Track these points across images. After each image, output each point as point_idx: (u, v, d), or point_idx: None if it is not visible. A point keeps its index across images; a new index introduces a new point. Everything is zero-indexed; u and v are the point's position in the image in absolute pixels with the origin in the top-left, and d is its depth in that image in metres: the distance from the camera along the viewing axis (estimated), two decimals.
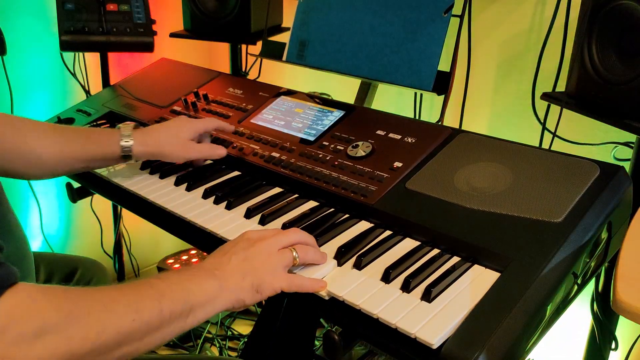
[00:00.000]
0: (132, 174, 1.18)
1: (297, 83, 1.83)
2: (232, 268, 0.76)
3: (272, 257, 0.79)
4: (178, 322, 0.70)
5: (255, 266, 0.77)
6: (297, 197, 1.04)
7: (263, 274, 0.77)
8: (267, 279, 0.77)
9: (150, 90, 1.52)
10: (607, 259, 0.92)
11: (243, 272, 0.76)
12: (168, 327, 0.69)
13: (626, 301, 0.63)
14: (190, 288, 0.72)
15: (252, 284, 0.76)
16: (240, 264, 0.77)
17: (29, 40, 1.86)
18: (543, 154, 0.96)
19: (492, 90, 1.63)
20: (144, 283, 0.70)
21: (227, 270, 0.76)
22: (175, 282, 0.72)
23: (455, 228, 0.86)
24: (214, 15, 1.67)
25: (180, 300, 0.70)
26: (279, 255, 0.80)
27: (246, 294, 0.76)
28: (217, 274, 0.75)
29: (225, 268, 0.76)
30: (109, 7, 1.62)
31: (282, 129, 1.21)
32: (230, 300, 0.75)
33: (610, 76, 1.08)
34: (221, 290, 0.74)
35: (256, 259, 0.78)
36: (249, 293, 0.76)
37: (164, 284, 0.70)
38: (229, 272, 0.76)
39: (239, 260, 0.77)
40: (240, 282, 0.76)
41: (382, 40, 1.26)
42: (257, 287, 0.76)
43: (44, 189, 1.98)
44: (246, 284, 0.76)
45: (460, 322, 0.71)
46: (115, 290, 0.68)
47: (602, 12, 1.09)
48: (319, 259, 0.84)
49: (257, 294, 0.77)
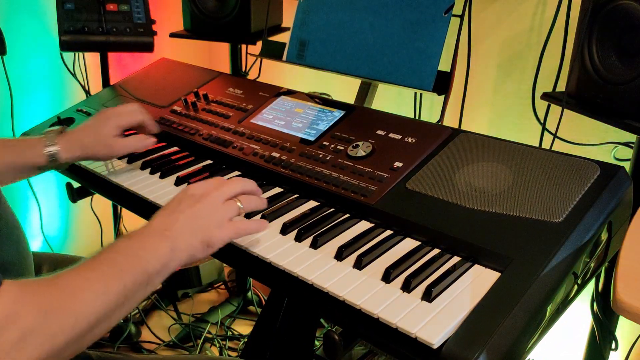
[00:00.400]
0: (132, 174, 1.18)
1: (297, 83, 1.83)
2: (181, 227, 0.78)
3: (218, 210, 0.82)
4: (140, 292, 0.73)
5: (203, 222, 0.80)
6: (297, 197, 1.04)
7: (211, 229, 0.80)
8: (215, 233, 0.80)
9: (150, 90, 1.52)
10: (607, 259, 0.92)
11: (192, 229, 0.78)
12: (132, 299, 0.72)
13: (626, 301, 0.63)
14: (146, 257, 0.74)
15: (202, 240, 0.79)
16: (188, 222, 0.79)
17: (29, 40, 1.86)
18: (543, 154, 0.96)
19: (492, 90, 1.63)
20: (104, 261, 0.71)
21: (176, 230, 0.78)
22: (131, 253, 0.73)
23: (455, 228, 0.86)
24: (214, 15, 1.67)
25: (139, 272, 0.72)
26: (225, 208, 0.83)
27: (197, 250, 0.79)
28: (167, 234, 0.77)
29: (174, 228, 0.78)
30: (109, 7, 1.62)
31: (282, 129, 1.21)
32: (182, 259, 0.78)
33: (610, 76, 1.08)
34: (174, 252, 0.76)
35: (203, 215, 0.80)
36: (200, 249, 0.79)
37: (122, 258, 0.72)
38: (178, 231, 0.77)
39: (186, 218, 0.79)
40: (191, 239, 0.78)
41: (382, 40, 1.27)
42: (207, 242, 0.80)
43: (44, 189, 1.98)
44: (196, 241, 0.79)
45: (460, 322, 0.71)
46: (81, 278, 0.68)
47: (602, 12, 1.09)
48: (260, 205, 0.89)
49: (208, 248, 0.80)
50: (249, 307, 2.21)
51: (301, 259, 0.86)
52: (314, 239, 0.90)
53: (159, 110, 1.41)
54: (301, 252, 0.88)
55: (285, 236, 0.93)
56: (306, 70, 1.42)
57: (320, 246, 0.89)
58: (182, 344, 1.99)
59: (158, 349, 1.98)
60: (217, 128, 1.27)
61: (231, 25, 1.66)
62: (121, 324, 2.00)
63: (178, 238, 0.77)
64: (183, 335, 2.02)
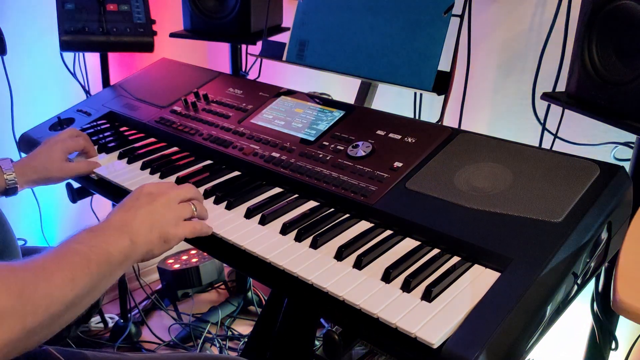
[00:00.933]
0: (132, 174, 1.18)
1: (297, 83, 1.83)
2: (140, 223, 0.82)
3: (173, 209, 0.87)
4: (104, 281, 0.76)
5: (160, 219, 0.84)
6: (297, 197, 1.04)
7: (167, 226, 0.85)
8: (172, 230, 0.85)
9: (150, 90, 1.52)
10: (607, 259, 0.92)
11: (150, 225, 0.83)
12: (97, 288, 0.75)
13: (626, 301, 0.63)
14: (110, 251, 0.77)
15: (159, 236, 0.83)
16: (146, 218, 0.83)
17: (29, 40, 1.86)
18: (543, 154, 0.96)
19: (492, 90, 1.63)
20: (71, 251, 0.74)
21: (135, 225, 0.81)
22: (95, 245, 0.76)
23: (455, 228, 0.86)
24: (214, 15, 1.67)
25: (103, 263, 0.75)
26: (180, 208, 0.88)
27: (155, 246, 0.83)
28: (126, 229, 0.81)
29: (133, 223, 0.82)
30: (109, 7, 1.62)
31: (282, 129, 1.21)
32: (141, 254, 0.82)
33: (610, 76, 1.08)
34: (134, 246, 0.80)
35: (159, 213, 0.85)
36: (157, 244, 0.84)
37: (87, 249, 0.75)
38: (137, 227, 0.81)
39: (144, 214, 0.83)
40: (149, 235, 0.82)
41: (382, 40, 1.27)
42: (164, 238, 0.84)
43: (44, 189, 1.98)
44: (154, 237, 0.83)
45: (460, 322, 0.71)
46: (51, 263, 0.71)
47: (602, 12, 1.09)
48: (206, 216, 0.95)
49: (164, 244, 0.85)
50: (249, 307, 2.21)
51: (301, 259, 0.86)
52: (313, 239, 0.90)
53: (159, 110, 1.41)
54: (301, 252, 0.88)
55: (285, 236, 0.93)
56: (306, 70, 1.42)
57: (320, 246, 0.89)
58: (182, 344, 1.99)
59: (158, 349, 1.98)
60: (217, 128, 1.27)
61: (231, 25, 1.66)
62: (121, 324, 2.00)
63: (137, 233, 0.81)
64: (183, 335, 2.02)
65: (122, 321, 2.03)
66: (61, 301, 0.68)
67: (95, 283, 0.74)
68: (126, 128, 1.41)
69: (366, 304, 0.76)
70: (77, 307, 0.72)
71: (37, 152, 1.20)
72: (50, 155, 1.18)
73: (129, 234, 0.80)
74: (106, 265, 0.76)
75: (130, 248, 0.80)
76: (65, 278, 0.70)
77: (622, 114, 1.06)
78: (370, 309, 0.75)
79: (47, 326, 0.67)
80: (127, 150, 1.27)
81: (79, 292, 0.71)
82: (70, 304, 0.70)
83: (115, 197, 1.18)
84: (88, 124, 1.43)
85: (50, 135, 1.39)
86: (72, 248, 0.75)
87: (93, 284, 0.73)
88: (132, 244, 0.80)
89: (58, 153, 1.19)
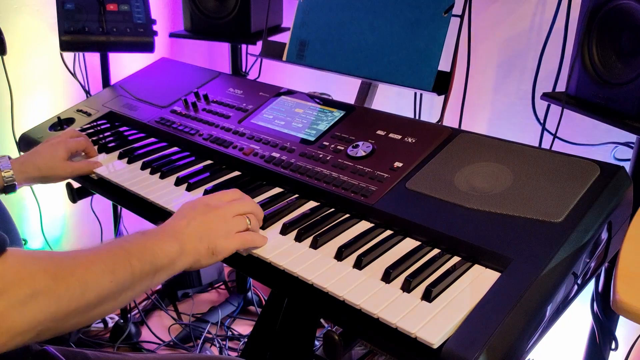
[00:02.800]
0: (132, 174, 1.18)
1: (297, 83, 1.83)
2: (191, 232, 0.83)
3: (227, 222, 0.86)
4: (145, 281, 0.76)
5: (211, 231, 0.84)
6: (297, 197, 1.04)
7: (217, 238, 0.84)
8: (221, 242, 0.85)
9: (150, 90, 1.52)
10: (607, 259, 0.92)
11: (200, 236, 0.83)
12: (138, 285, 0.75)
13: (626, 301, 0.63)
14: (155, 251, 0.78)
15: (208, 247, 0.83)
16: (198, 228, 0.84)
17: (29, 40, 1.86)
18: (543, 154, 0.96)
19: (492, 90, 1.63)
20: (116, 246, 0.76)
21: (186, 234, 0.82)
22: (142, 244, 0.78)
23: (455, 228, 0.86)
24: (214, 15, 1.67)
25: (147, 262, 0.76)
26: (234, 221, 0.87)
27: (203, 256, 0.83)
28: (177, 236, 0.82)
29: (184, 232, 0.83)
30: (109, 7, 1.62)
31: (282, 129, 1.21)
32: (188, 262, 0.82)
33: (610, 76, 1.08)
34: (181, 253, 0.81)
35: (212, 224, 0.85)
36: (205, 255, 0.84)
37: (133, 247, 0.77)
38: (187, 235, 0.82)
39: (197, 224, 0.84)
40: (198, 245, 0.83)
41: (382, 40, 1.27)
42: (213, 250, 0.84)
43: (44, 189, 1.98)
44: (203, 247, 0.83)
45: (460, 322, 0.71)
46: (92, 254, 0.72)
47: (601, 12, 1.10)
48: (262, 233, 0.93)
49: (213, 255, 0.84)
50: (249, 307, 2.21)
51: (301, 259, 0.86)
52: (314, 239, 0.90)
53: (159, 110, 1.41)
54: (301, 252, 0.88)
55: (285, 236, 0.93)
56: (306, 70, 1.42)
57: (320, 246, 0.89)
58: (182, 344, 1.99)
59: (158, 349, 1.98)
60: (217, 128, 1.27)
61: (231, 25, 1.66)
62: (121, 324, 2.00)
63: (186, 241, 0.82)
64: (183, 335, 2.02)
65: (122, 321, 2.03)
66: (98, 290, 0.69)
67: (136, 280, 0.74)
68: (126, 128, 1.41)
69: (366, 304, 0.76)
70: (115, 299, 0.72)
71: (40, 150, 1.20)
72: (54, 154, 1.18)
73: (179, 240, 0.81)
74: (150, 265, 0.76)
75: (177, 254, 0.80)
76: (105, 269, 0.71)
77: (622, 114, 1.06)
78: (370, 309, 0.75)
79: (81, 313, 0.68)
80: (127, 150, 1.27)
81: (117, 285, 0.71)
82: (108, 295, 0.70)
83: (115, 197, 1.19)
84: (88, 124, 1.43)
85: (50, 135, 1.39)
86: (117, 244, 0.77)
87: (134, 280, 0.74)
88: (180, 251, 0.80)
89: (61, 152, 1.19)
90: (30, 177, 1.16)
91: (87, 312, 0.69)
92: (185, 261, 0.81)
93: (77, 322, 0.69)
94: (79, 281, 0.67)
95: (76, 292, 0.66)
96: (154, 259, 0.77)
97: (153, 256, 0.77)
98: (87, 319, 0.70)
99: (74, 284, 0.66)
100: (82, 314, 0.68)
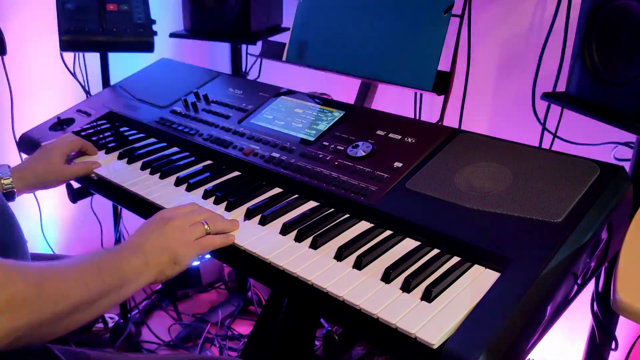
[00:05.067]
0: (132, 174, 1.18)
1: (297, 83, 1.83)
2: (151, 245, 0.86)
3: (184, 232, 0.89)
4: (113, 293, 0.80)
5: (170, 241, 0.88)
6: (297, 197, 1.04)
7: (177, 248, 0.88)
8: (181, 251, 0.88)
9: (150, 90, 1.52)
10: (607, 259, 0.92)
11: (161, 248, 0.87)
12: (107, 298, 0.78)
13: (626, 301, 0.63)
14: (123, 266, 0.82)
15: (169, 258, 0.87)
16: (157, 242, 0.87)
17: (29, 40, 1.86)
18: (543, 154, 0.96)
19: (492, 90, 1.63)
20: (87, 260, 0.79)
21: (147, 247, 0.86)
22: (109, 260, 0.82)
23: (455, 228, 0.86)
24: (214, 15, 1.67)
25: (115, 277, 0.80)
26: (191, 230, 0.90)
27: (166, 267, 0.87)
28: (140, 249, 0.85)
29: (145, 245, 0.86)
30: (109, 7, 1.62)
31: (282, 129, 1.21)
32: (153, 274, 0.85)
33: (610, 76, 1.08)
34: (146, 265, 0.84)
35: (170, 235, 0.88)
36: (168, 266, 0.87)
37: (102, 263, 0.80)
38: (149, 248, 0.86)
39: (155, 238, 0.88)
40: (160, 257, 0.86)
41: (382, 40, 1.26)
42: (175, 259, 0.87)
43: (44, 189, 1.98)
44: (164, 259, 0.86)
45: (460, 322, 0.71)
46: (66, 267, 0.76)
47: (601, 12, 1.10)
48: (230, 227, 0.95)
49: (175, 265, 0.87)
50: (249, 307, 2.21)
51: (301, 259, 0.86)
52: (313, 239, 0.90)
53: (159, 110, 1.41)
54: (301, 253, 0.88)
55: (285, 236, 0.93)
56: (306, 70, 1.42)
57: (320, 246, 0.89)
58: (182, 344, 1.99)
59: (158, 349, 1.98)
60: (217, 128, 1.27)
61: (231, 25, 1.66)
62: (121, 324, 2.00)
63: (149, 253, 0.85)
64: (183, 335, 2.02)
65: (122, 321, 2.03)
66: (72, 299, 0.72)
67: (105, 292, 0.78)
68: (126, 128, 1.41)
69: (366, 304, 0.76)
70: (85, 311, 0.75)
71: (36, 157, 1.22)
72: (50, 159, 1.20)
73: (142, 254, 0.84)
74: (119, 279, 0.80)
75: (143, 267, 0.84)
76: (77, 280, 0.74)
77: (622, 114, 1.06)
78: (370, 309, 0.75)
79: (53, 322, 0.70)
80: (127, 151, 1.27)
81: (89, 296, 0.75)
82: (78, 306, 0.73)
83: (115, 197, 1.19)
84: (88, 124, 1.43)
85: (50, 135, 1.39)
86: (88, 259, 0.80)
87: (103, 293, 0.77)
88: (145, 264, 0.84)
89: (57, 156, 1.20)
90: (29, 184, 1.17)
91: (59, 322, 0.71)
92: (150, 273, 0.85)
93: (50, 331, 0.71)
94: (54, 291, 0.70)
95: (50, 302, 0.69)
96: (121, 273, 0.81)
97: (120, 271, 0.81)
98: (58, 329, 0.72)
99: (49, 293, 0.69)
100: (54, 324, 0.71)
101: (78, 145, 1.25)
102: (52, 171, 1.19)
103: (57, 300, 0.70)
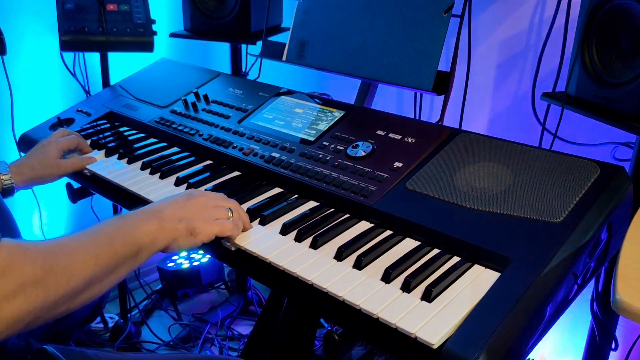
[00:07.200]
0: (132, 174, 1.18)
1: (297, 83, 1.83)
2: (170, 212, 0.86)
3: (207, 209, 0.89)
4: (128, 262, 0.79)
5: (191, 214, 0.87)
6: (297, 197, 1.04)
7: (196, 221, 0.87)
8: (200, 225, 0.87)
9: (150, 90, 1.52)
10: (607, 259, 0.92)
11: (180, 216, 0.86)
12: (121, 267, 0.78)
13: (626, 301, 0.63)
14: (136, 232, 0.81)
15: (186, 227, 0.86)
16: (177, 211, 0.87)
17: (29, 40, 1.86)
18: (543, 154, 0.96)
19: (492, 90, 1.63)
20: (98, 231, 0.78)
21: (165, 213, 0.85)
22: (122, 226, 0.81)
23: (455, 228, 0.86)
24: (214, 15, 1.67)
25: (128, 244, 0.79)
26: (215, 210, 0.90)
27: (181, 236, 0.85)
28: (156, 214, 0.85)
29: (164, 211, 0.86)
30: (109, 7, 1.62)
31: (282, 129, 1.21)
32: (167, 239, 0.84)
33: (610, 76, 1.08)
34: (161, 230, 0.83)
35: (193, 208, 0.88)
36: (183, 235, 0.86)
37: (113, 230, 0.79)
38: (167, 214, 0.85)
39: (177, 206, 0.87)
40: (177, 224, 0.85)
41: (382, 40, 1.26)
42: (192, 231, 0.86)
43: (44, 189, 1.98)
44: (181, 227, 0.85)
45: (460, 322, 0.71)
46: (76, 240, 0.75)
47: (601, 12, 1.09)
48: (247, 225, 0.95)
49: (191, 236, 0.86)
50: (249, 307, 2.21)
51: (301, 259, 0.86)
52: (313, 239, 0.90)
53: (158, 110, 1.41)
54: (301, 252, 0.88)
55: (285, 236, 0.93)
56: (306, 70, 1.42)
57: (320, 246, 0.89)
58: (182, 344, 1.99)
59: (158, 349, 1.98)
60: (217, 128, 1.27)
61: (231, 25, 1.66)
62: (121, 324, 2.00)
63: (166, 219, 0.84)
64: (183, 335, 2.02)
65: (122, 321, 2.03)
66: (82, 276, 0.71)
67: (120, 261, 0.77)
68: (126, 128, 1.41)
69: (366, 304, 0.76)
70: (100, 283, 0.74)
71: (32, 152, 1.24)
72: (46, 153, 1.22)
73: (158, 218, 0.83)
74: (131, 246, 0.79)
75: (157, 232, 0.82)
76: (88, 254, 0.73)
77: (622, 114, 1.06)
78: (370, 309, 0.75)
79: (69, 299, 0.70)
80: (127, 150, 1.27)
81: (102, 269, 0.74)
82: (92, 280, 0.72)
83: (115, 197, 1.19)
84: (88, 124, 1.43)
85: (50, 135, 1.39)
86: (100, 228, 0.79)
87: (117, 263, 0.76)
88: (160, 228, 0.83)
89: (53, 151, 1.22)
90: (27, 179, 1.19)
91: (75, 298, 0.71)
92: (164, 238, 0.83)
93: (66, 308, 0.70)
94: (65, 269, 0.69)
95: (62, 280, 0.68)
96: (134, 239, 0.79)
97: (133, 237, 0.79)
98: (73, 305, 0.72)
99: (60, 272, 0.68)
100: (70, 300, 0.70)
101: (75, 144, 1.27)
102: (48, 165, 1.21)
103: (69, 278, 0.69)
